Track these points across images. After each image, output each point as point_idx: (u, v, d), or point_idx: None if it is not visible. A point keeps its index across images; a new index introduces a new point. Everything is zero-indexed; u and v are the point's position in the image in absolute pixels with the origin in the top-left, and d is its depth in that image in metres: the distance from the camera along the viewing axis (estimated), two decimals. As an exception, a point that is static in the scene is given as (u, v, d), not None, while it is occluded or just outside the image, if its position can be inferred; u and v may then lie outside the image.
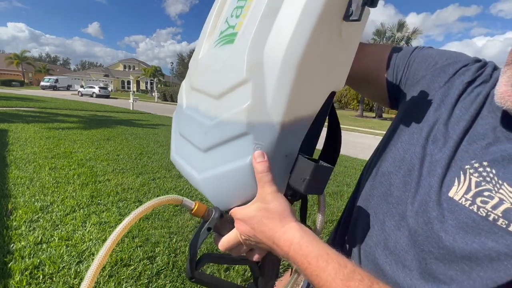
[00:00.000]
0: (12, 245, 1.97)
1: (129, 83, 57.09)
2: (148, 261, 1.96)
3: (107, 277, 1.76)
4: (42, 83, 40.29)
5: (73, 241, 2.10)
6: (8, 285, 1.61)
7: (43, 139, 5.19)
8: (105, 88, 29.88)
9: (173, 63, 54.87)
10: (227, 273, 1.94)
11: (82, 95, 27.67)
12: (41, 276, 1.70)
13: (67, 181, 3.25)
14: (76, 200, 2.77)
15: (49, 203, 2.66)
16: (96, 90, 28.01)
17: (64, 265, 1.83)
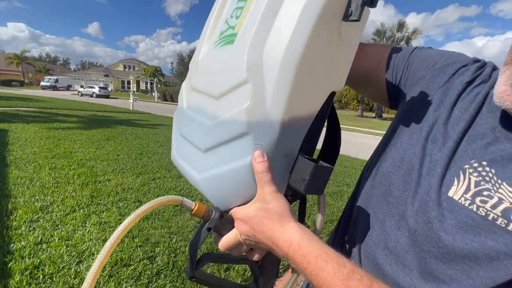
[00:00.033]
0: (12, 245, 1.97)
1: (129, 83, 57.09)
2: (148, 261, 1.96)
3: (107, 277, 1.76)
4: (42, 83, 40.29)
5: (73, 241, 2.10)
6: (8, 285, 1.61)
7: (43, 139, 5.19)
8: (105, 88, 29.87)
9: (173, 63, 54.82)
10: (227, 273, 1.94)
11: (82, 95, 27.67)
12: (41, 276, 1.70)
13: (67, 181, 3.25)
14: (76, 200, 2.77)
15: (49, 203, 2.66)
16: (96, 90, 28.01)
17: (64, 265, 1.83)
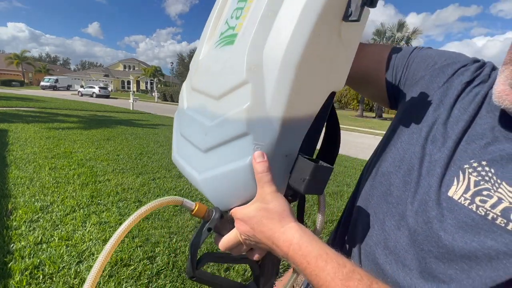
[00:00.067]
0: (12, 245, 1.97)
1: (129, 83, 57.08)
2: (148, 261, 1.96)
3: (107, 277, 1.76)
4: (42, 83, 40.29)
5: (73, 241, 2.10)
6: (8, 285, 1.61)
7: (43, 139, 5.18)
8: (105, 88, 29.87)
9: (173, 63, 54.83)
10: (227, 273, 1.94)
11: (82, 95, 27.67)
12: (41, 276, 1.70)
13: (67, 181, 3.25)
14: (76, 200, 2.77)
15: (49, 203, 2.66)
16: (96, 90, 28.01)
17: (64, 265, 1.83)
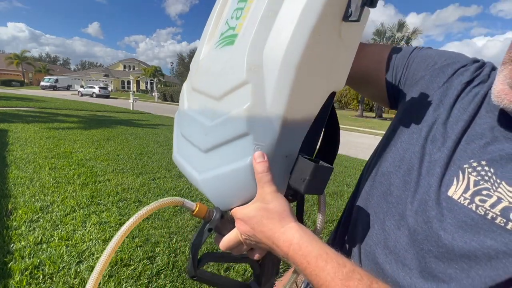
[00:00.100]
0: (12, 245, 1.97)
1: (129, 83, 57.07)
2: (148, 261, 1.96)
3: (107, 277, 1.76)
4: (42, 83, 40.28)
5: (73, 241, 2.10)
6: (8, 285, 1.61)
7: (43, 139, 5.18)
8: (105, 88, 29.86)
9: (173, 63, 54.82)
10: (227, 273, 1.94)
11: (82, 95, 27.66)
12: (41, 276, 1.70)
13: (67, 181, 3.25)
14: (76, 200, 2.77)
15: (49, 203, 2.66)
16: (96, 90, 28.00)
17: (64, 265, 1.83)
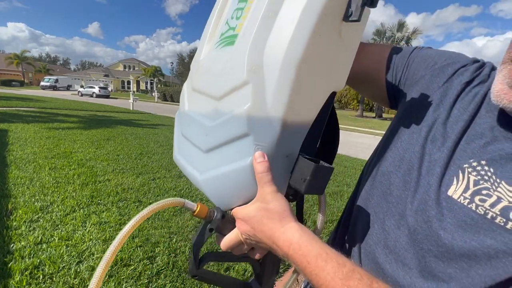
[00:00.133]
0: (12, 245, 1.97)
1: (129, 83, 57.07)
2: (148, 261, 1.96)
3: (107, 277, 1.76)
4: (42, 83, 40.27)
5: (73, 241, 2.10)
6: (8, 285, 1.61)
7: (43, 139, 5.18)
8: (105, 88, 29.86)
9: (173, 63, 54.93)
10: (227, 273, 1.94)
11: (82, 95, 27.66)
12: (41, 276, 1.70)
13: (67, 181, 3.25)
14: (76, 200, 2.77)
15: (49, 203, 2.66)
16: (96, 90, 27.99)
17: (64, 265, 1.83)
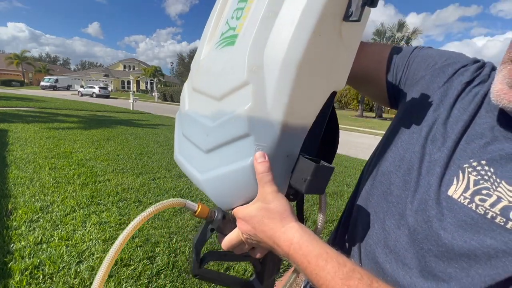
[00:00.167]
0: (12, 245, 1.97)
1: (129, 83, 57.06)
2: (148, 261, 1.96)
3: (107, 277, 1.76)
4: (42, 83, 40.26)
5: (73, 241, 2.10)
6: (8, 285, 1.61)
7: (43, 139, 5.18)
8: (105, 88, 29.84)
9: (173, 63, 54.92)
10: (227, 273, 1.94)
11: (82, 95, 27.65)
12: (41, 276, 1.70)
13: (67, 181, 3.25)
14: (76, 200, 2.77)
15: (49, 203, 2.66)
16: (96, 90, 27.99)
17: (64, 265, 1.83)
